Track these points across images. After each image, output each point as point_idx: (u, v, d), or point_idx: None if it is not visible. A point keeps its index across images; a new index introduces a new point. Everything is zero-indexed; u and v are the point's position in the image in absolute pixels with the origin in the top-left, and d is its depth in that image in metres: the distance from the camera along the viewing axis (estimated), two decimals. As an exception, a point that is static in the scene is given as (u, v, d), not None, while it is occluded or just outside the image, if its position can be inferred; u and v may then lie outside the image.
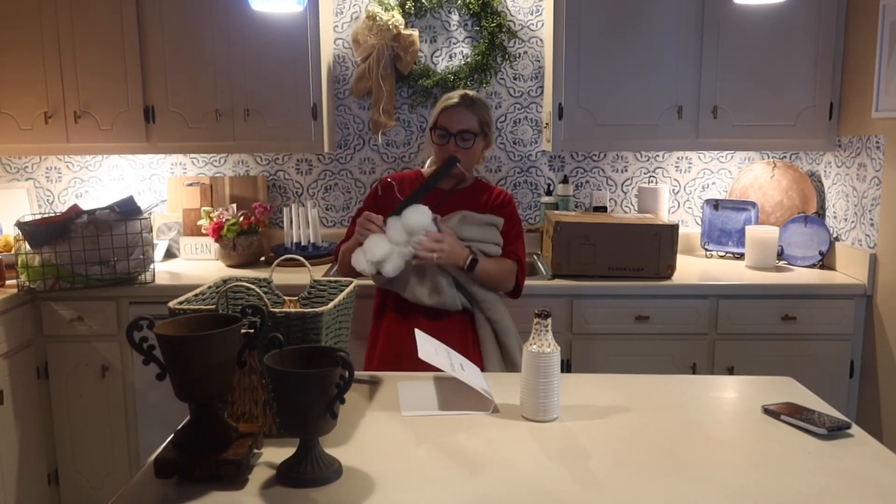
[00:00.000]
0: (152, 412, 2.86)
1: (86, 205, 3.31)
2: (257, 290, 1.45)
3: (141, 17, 2.97)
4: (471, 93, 2.38)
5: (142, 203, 3.00)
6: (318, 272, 2.94)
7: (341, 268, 2.35)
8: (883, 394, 2.72)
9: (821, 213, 3.18)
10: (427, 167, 2.50)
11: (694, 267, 3.09)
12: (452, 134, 2.29)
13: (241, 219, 3.11)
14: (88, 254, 2.71)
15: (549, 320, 1.55)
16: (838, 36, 2.95)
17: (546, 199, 3.35)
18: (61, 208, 3.36)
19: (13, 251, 2.75)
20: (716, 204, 3.27)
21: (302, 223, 3.18)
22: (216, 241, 3.12)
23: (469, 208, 2.34)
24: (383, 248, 2.08)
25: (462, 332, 2.28)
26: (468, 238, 2.27)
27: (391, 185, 2.41)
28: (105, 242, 2.71)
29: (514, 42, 3.32)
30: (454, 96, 2.35)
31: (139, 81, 3.01)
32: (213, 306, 1.46)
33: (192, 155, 3.40)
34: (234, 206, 3.22)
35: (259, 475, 1.32)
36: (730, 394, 1.78)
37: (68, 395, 2.85)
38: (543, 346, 1.54)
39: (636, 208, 3.35)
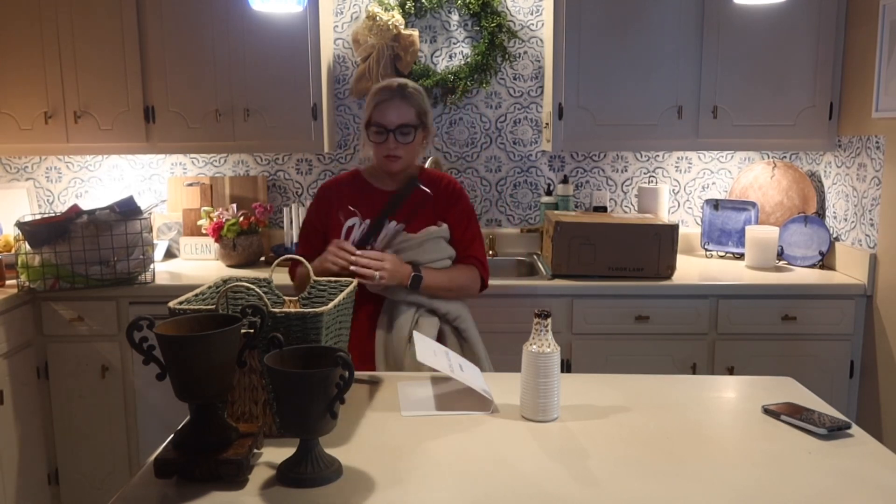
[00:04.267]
0: (152, 412, 2.86)
1: (86, 205, 3.30)
2: (257, 290, 1.45)
3: (141, 17, 2.97)
4: (404, 81, 2.18)
5: (142, 203, 3.00)
6: (318, 272, 2.93)
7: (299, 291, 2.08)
8: (883, 394, 2.71)
9: (821, 213, 3.18)
10: (370, 163, 2.27)
11: (694, 267, 3.09)
12: (391, 130, 2.10)
13: (241, 219, 3.11)
14: (88, 254, 2.71)
15: (549, 320, 1.55)
16: (838, 36, 2.95)
17: (546, 199, 3.35)
18: (61, 208, 3.36)
19: (13, 251, 2.75)
20: (716, 204, 3.27)
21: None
22: (216, 241, 3.12)
23: (419, 209, 2.17)
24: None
25: None
26: (426, 261, 2.14)
27: (331, 190, 2.23)
28: (105, 242, 2.71)
29: (514, 42, 3.32)
30: (387, 88, 2.13)
31: (139, 81, 3.01)
32: (213, 306, 1.46)
33: (192, 155, 3.40)
34: (234, 206, 3.22)
35: (259, 475, 1.32)
36: (730, 394, 1.78)
37: (68, 395, 2.85)
38: (543, 346, 1.54)
39: (636, 208, 3.35)
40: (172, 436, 1.36)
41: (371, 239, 2.14)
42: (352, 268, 2.01)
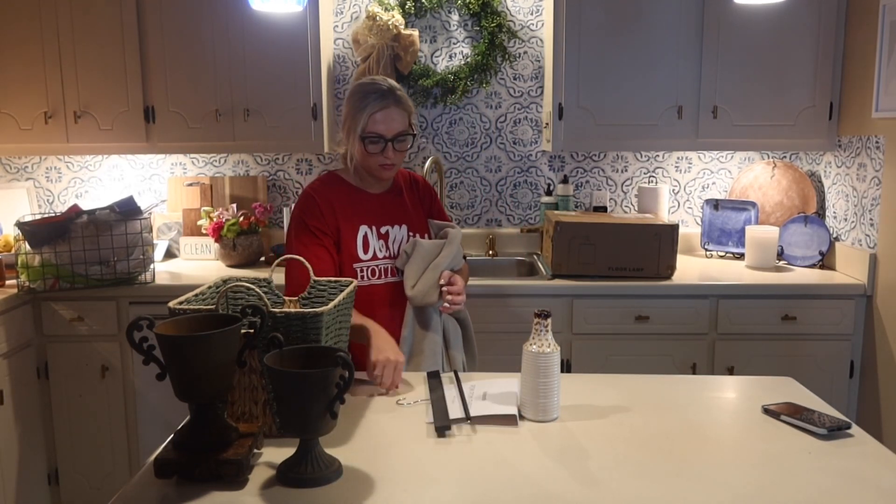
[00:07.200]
0: (152, 412, 2.86)
1: (86, 205, 3.30)
2: (257, 290, 1.45)
3: (141, 17, 2.97)
4: (391, 83, 2.02)
5: (142, 203, 3.00)
6: (318, 272, 2.93)
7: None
8: (883, 394, 2.71)
9: (821, 213, 3.18)
10: (350, 164, 2.09)
11: (694, 267, 3.09)
12: (388, 139, 1.98)
13: (241, 219, 3.11)
14: (88, 254, 2.71)
15: (549, 320, 1.55)
16: (838, 36, 2.95)
17: (546, 199, 3.35)
18: (61, 208, 3.36)
19: (13, 251, 2.75)
20: (716, 204, 3.27)
21: (302, 223, 3.17)
22: (216, 241, 3.12)
23: (412, 213, 2.16)
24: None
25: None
26: (457, 266, 2.12)
27: (325, 194, 2.06)
28: (105, 242, 2.71)
29: (514, 42, 3.32)
30: (377, 93, 1.97)
31: (139, 81, 3.01)
32: (213, 306, 1.46)
33: (192, 155, 3.40)
34: (234, 206, 3.22)
35: (259, 475, 1.32)
36: (730, 394, 1.78)
37: (68, 395, 2.85)
38: (543, 346, 1.54)
39: (636, 208, 3.35)
40: (172, 436, 1.36)
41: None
42: (448, 298, 2.01)
